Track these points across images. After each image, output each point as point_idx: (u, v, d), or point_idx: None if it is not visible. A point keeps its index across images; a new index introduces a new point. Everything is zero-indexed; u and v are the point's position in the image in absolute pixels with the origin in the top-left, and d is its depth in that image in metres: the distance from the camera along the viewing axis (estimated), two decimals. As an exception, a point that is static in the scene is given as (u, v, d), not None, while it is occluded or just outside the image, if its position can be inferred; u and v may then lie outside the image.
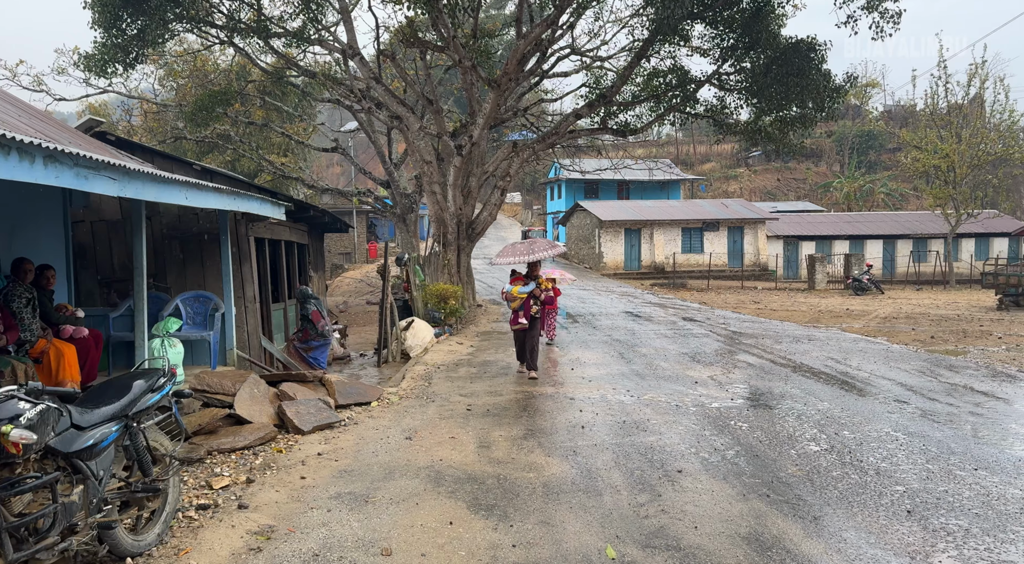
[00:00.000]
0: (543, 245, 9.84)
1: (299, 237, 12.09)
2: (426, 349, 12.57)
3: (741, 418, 6.91)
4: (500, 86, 16.53)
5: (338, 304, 25.42)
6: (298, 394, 6.78)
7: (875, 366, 10.10)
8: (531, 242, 9.80)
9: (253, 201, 7.50)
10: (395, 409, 7.28)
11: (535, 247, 9.63)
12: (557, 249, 9.96)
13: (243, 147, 26.01)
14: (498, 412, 7.17)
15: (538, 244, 9.80)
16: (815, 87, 16.60)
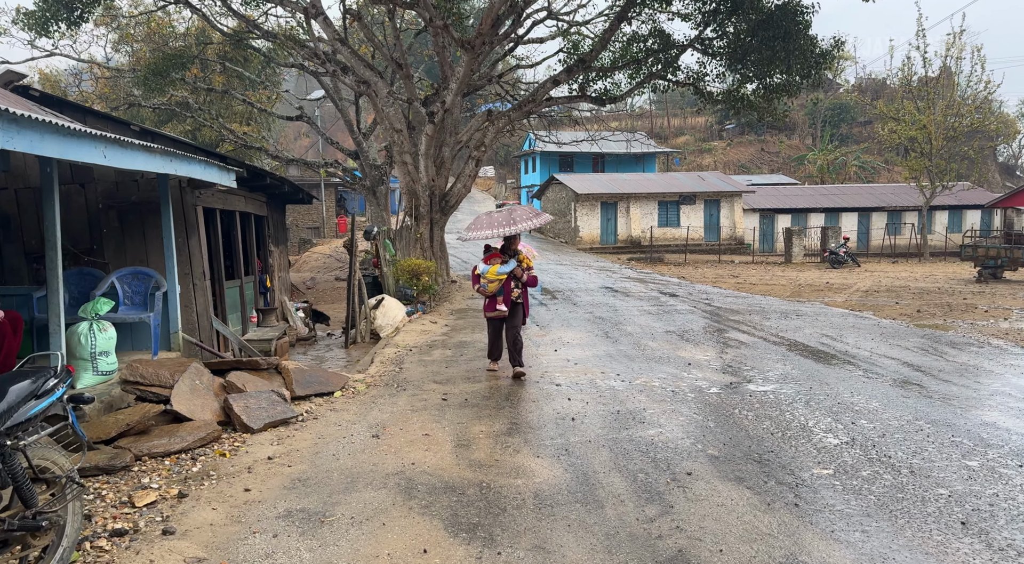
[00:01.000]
0: (525, 213, 7.73)
1: (257, 208, 11.10)
2: (397, 329, 11.75)
3: (745, 405, 6.27)
4: (474, 48, 15.53)
5: (305, 280, 24.37)
6: (249, 385, 5.94)
7: (873, 344, 9.56)
8: (510, 211, 7.77)
9: (194, 164, 6.55)
10: (361, 400, 6.49)
11: (515, 217, 7.61)
12: (542, 218, 7.76)
13: (204, 116, 24.57)
14: (477, 402, 6.42)
15: (519, 213, 7.70)
16: (801, 52, 15.90)
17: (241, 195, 10.31)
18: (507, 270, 7.44)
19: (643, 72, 18.41)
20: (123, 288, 7.42)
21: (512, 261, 7.51)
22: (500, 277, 7.42)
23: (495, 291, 7.47)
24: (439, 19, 15.00)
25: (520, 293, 7.59)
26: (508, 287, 7.48)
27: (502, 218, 7.70)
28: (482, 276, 7.49)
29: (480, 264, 7.61)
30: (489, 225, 7.69)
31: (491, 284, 7.45)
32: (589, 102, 19.48)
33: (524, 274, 7.57)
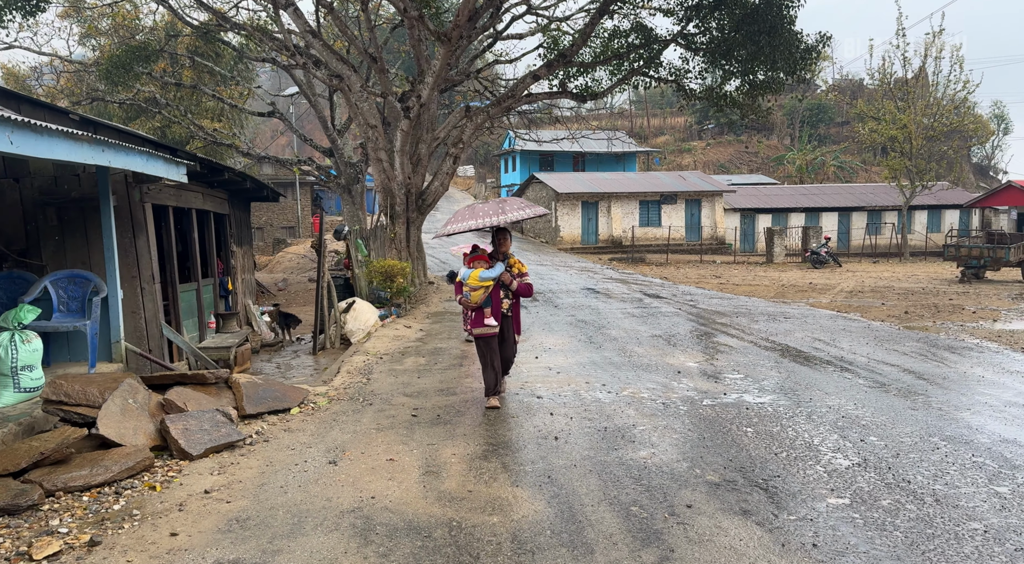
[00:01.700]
0: (517, 203, 6.39)
1: (217, 205, 10.39)
2: (369, 334, 11.11)
3: (742, 420, 5.74)
4: (451, 40, 14.90)
5: (277, 281, 23.55)
6: (191, 403, 5.28)
7: (868, 348, 9.12)
8: (500, 201, 6.39)
9: (134, 155, 5.87)
10: (321, 417, 5.85)
11: (506, 207, 6.25)
12: (536, 209, 6.37)
13: (173, 112, 23.66)
14: (451, 418, 5.81)
15: (510, 203, 6.34)
16: (787, 46, 15.52)
17: (198, 191, 9.60)
18: (493, 275, 6.00)
19: (625, 68, 17.93)
20: (58, 293, 6.70)
21: (499, 264, 6.07)
22: (485, 284, 5.99)
23: (481, 302, 6.04)
24: (414, 9, 14.36)
25: (511, 304, 6.27)
26: (496, 297, 6.11)
27: (490, 208, 6.27)
28: (464, 282, 6.12)
29: (462, 268, 6.32)
30: (473, 215, 6.26)
31: (474, 293, 6.01)
32: (570, 98, 18.95)
33: (514, 281, 6.15)
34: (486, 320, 6.07)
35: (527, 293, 6.30)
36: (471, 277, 6.04)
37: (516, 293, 6.24)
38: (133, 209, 7.68)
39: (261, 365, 10.11)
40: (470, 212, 6.33)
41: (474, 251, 6.32)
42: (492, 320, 6.08)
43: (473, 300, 6.06)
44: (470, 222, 6.13)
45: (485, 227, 6.06)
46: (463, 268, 6.27)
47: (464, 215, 6.32)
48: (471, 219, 6.18)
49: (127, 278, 7.68)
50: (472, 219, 6.16)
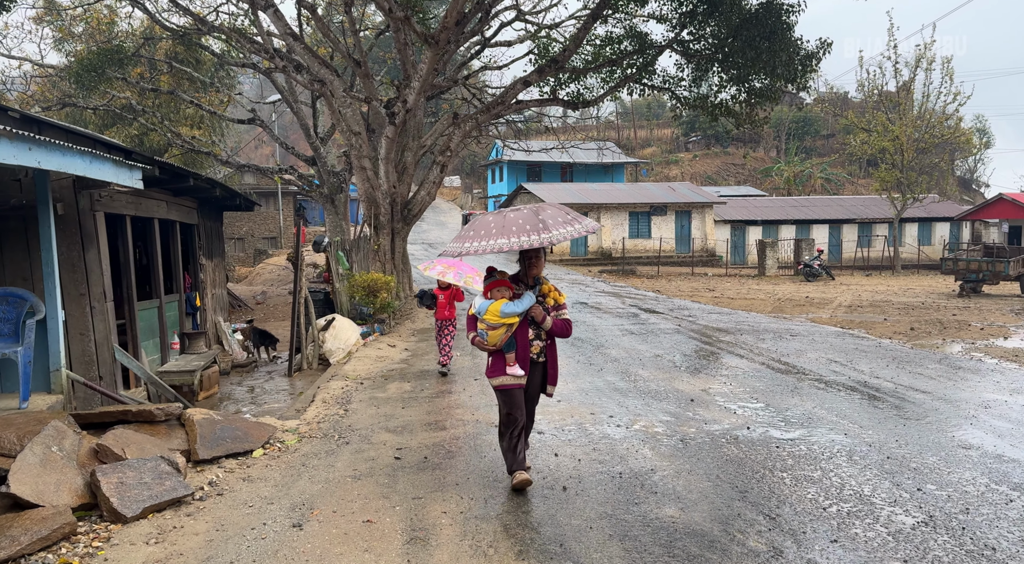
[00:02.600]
0: (559, 215, 4.38)
1: (183, 215, 9.55)
2: (349, 354, 10.28)
3: (775, 462, 5.00)
4: (438, 43, 14.19)
5: (256, 294, 22.64)
6: (131, 448, 4.44)
7: (889, 371, 8.45)
8: (535, 209, 4.40)
9: (73, 156, 5.05)
10: (289, 461, 5.03)
11: (547, 218, 4.29)
12: (586, 223, 4.44)
13: (151, 119, 22.76)
14: (440, 461, 5.02)
15: (550, 213, 4.37)
16: (786, 52, 14.98)
17: (162, 199, 8.77)
18: (521, 310, 4.33)
19: (617, 75, 17.36)
20: (-12, 314, 5.84)
21: (528, 294, 4.39)
22: (508, 320, 4.35)
23: (501, 344, 4.43)
24: (399, 10, 13.64)
25: (544, 347, 4.57)
26: (524, 338, 4.46)
27: (525, 220, 4.26)
28: (479, 318, 4.44)
29: (477, 299, 4.56)
30: (504, 230, 4.22)
31: (493, 332, 4.38)
32: (561, 105, 18.33)
33: (548, 317, 4.45)
34: (508, 368, 4.42)
35: (564, 333, 4.55)
36: (489, 311, 4.35)
37: (550, 332, 4.53)
38: (82, 218, 6.84)
39: (231, 389, 9.26)
40: (499, 224, 4.28)
41: (491, 275, 4.54)
42: (517, 369, 4.41)
43: (491, 342, 4.40)
44: (500, 240, 4.14)
45: (513, 248, 4.12)
46: (478, 298, 4.55)
47: (489, 228, 4.30)
48: (502, 235, 4.16)
49: (74, 296, 6.84)
50: (503, 235, 4.16)
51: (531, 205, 4.48)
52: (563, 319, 4.56)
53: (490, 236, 4.22)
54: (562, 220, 4.30)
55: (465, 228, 4.56)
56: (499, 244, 4.12)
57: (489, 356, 4.56)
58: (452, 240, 4.52)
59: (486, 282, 4.53)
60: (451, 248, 4.41)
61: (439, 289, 8.55)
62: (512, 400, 4.46)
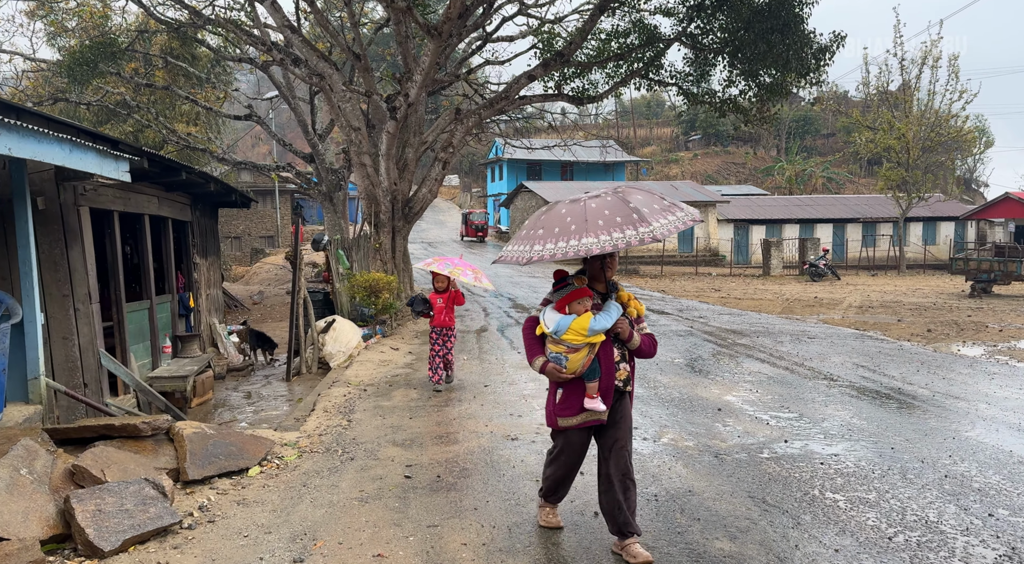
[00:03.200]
0: (649, 201, 3.28)
1: (176, 211, 9.07)
2: (351, 357, 9.82)
3: (823, 482, 4.55)
4: (441, 35, 13.72)
5: (253, 294, 22.15)
6: (113, 468, 3.97)
7: (921, 376, 8.01)
8: (620, 193, 3.31)
9: (50, 143, 4.58)
10: (288, 480, 4.56)
11: (638, 205, 3.20)
12: (690, 213, 3.32)
13: (145, 115, 22.27)
14: (455, 480, 4.56)
15: (639, 198, 3.27)
16: (799, 45, 14.55)
17: (153, 194, 8.29)
18: (609, 325, 3.38)
19: (623, 70, 16.92)
20: (-41, 318, 5.36)
21: (614, 304, 3.45)
22: (594, 339, 3.38)
23: (581, 370, 3.43)
24: (402, 0, 13.17)
25: (629, 372, 3.61)
26: (609, 361, 3.47)
27: (611, 208, 3.18)
28: (555, 337, 3.42)
29: (549, 313, 3.50)
30: (584, 226, 3.13)
31: (575, 355, 3.40)
32: (566, 101, 17.88)
33: (634, 333, 3.51)
34: (588, 401, 3.45)
35: (651, 352, 3.61)
36: (573, 329, 3.35)
37: (634, 352, 3.59)
38: (65, 213, 6.36)
39: (226, 394, 8.79)
40: (578, 216, 3.17)
41: (562, 281, 3.54)
42: (598, 402, 3.45)
43: (571, 368, 3.40)
44: (587, 239, 3.03)
45: (618, 249, 3.03)
46: (549, 312, 3.49)
47: (564, 222, 3.19)
48: (586, 233, 3.06)
49: (56, 297, 6.36)
50: (588, 232, 3.06)
51: (608, 189, 3.34)
52: (647, 334, 3.59)
53: (569, 234, 3.07)
54: (659, 208, 3.20)
55: (531, 223, 3.42)
56: (587, 245, 2.99)
57: (558, 388, 3.53)
58: (514, 241, 3.45)
59: (561, 291, 3.48)
60: (514, 252, 3.31)
61: (435, 292, 7.51)
62: (575, 443, 3.57)
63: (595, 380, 3.46)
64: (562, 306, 3.47)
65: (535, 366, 3.54)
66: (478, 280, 7.07)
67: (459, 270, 7.08)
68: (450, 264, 7.08)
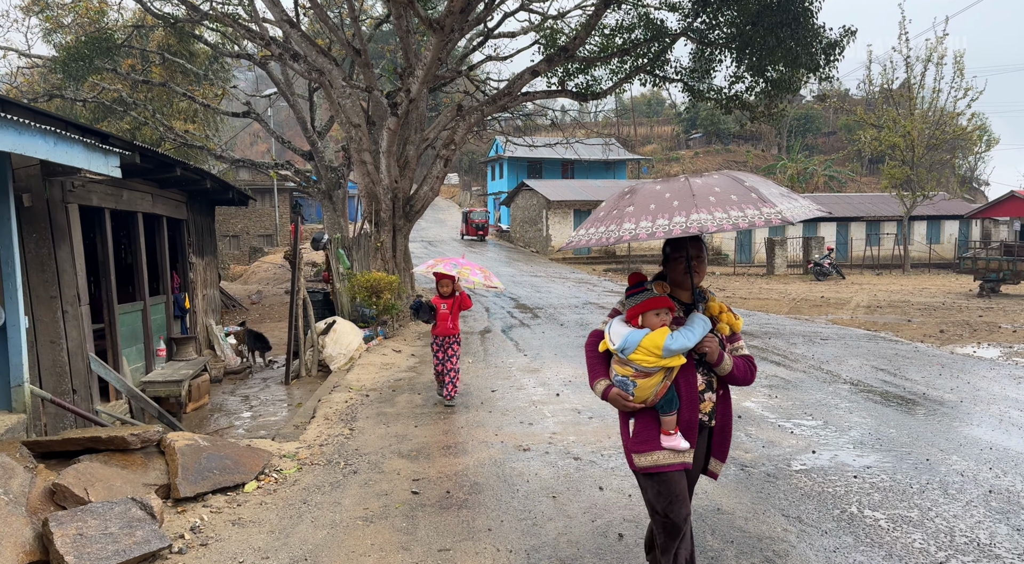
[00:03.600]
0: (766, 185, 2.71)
1: (171, 209, 8.75)
2: (351, 360, 9.51)
3: (859, 498, 4.25)
4: (443, 29, 13.40)
5: (251, 293, 21.85)
6: (98, 485, 3.67)
7: (944, 380, 7.72)
8: (729, 175, 2.75)
9: (29, 134, 4.27)
10: (287, 497, 4.26)
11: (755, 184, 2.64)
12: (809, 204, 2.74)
13: (142, 112, 21.95)
14: (466, 497, 4.26)
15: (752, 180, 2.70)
16: (810, 40, 14.25)
17: (146, 191, 7.98)
18: (693, 344, 2.67)
19: (628, 66, 16.64)
20: (-62, 321, 5.05)
21: (700, 318, 2.72)
22: (671, 362, 2.69)
23: (656, 399, 2.74)
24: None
25: (717, 399, 2.88)
26: (691, 388, 2.77)
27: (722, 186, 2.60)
28: (621, 356, 2.73)
29: (616, 326, 2.80)
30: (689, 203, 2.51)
31: (646, 380, 2.71)
32: (570, 97, 17.58)
33: (726, 354, 2.79)
34: (665, 438, 2.74)
35: (747, 379, 2.85)
36: (645, 347, 2.65)
37: (725, 379, 2.84)
38: (52, 211, 6.05)
39: (223, 399, 8.48)
40: (681, 193, 2.57)
41: (638, 285, 2.85)
42: (679, 439, 2.74)
43: (641, 397, 2.71)
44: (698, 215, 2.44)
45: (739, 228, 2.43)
46: (617, 324, 2.79)
47: (662, 199, 2.58)
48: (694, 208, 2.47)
49: (44, 299, 6.05)
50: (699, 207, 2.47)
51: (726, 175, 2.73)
52: (743, 356, 2.84)
53: (671, 211, 2.45)
54: (778, 192, 2.64)
55: (612, 204, 2.74)
56: (698, 222, 2.36)
57: (630, 419, 2.81)
58: (590, 223, 2.74)
59: (634, 298, 2.77)
60: (594, 233, 2.64)
61: (439, 297, 6.86)
62: (671, 489, 2.74)
63: (672, 413, 2.72)
64: (633, 317, 2.72)
65: (596, 390, 2.83)
66: (488, 280, 6.57)
67: (467, 270, 6.56)
68: (456, 264, 6.57)
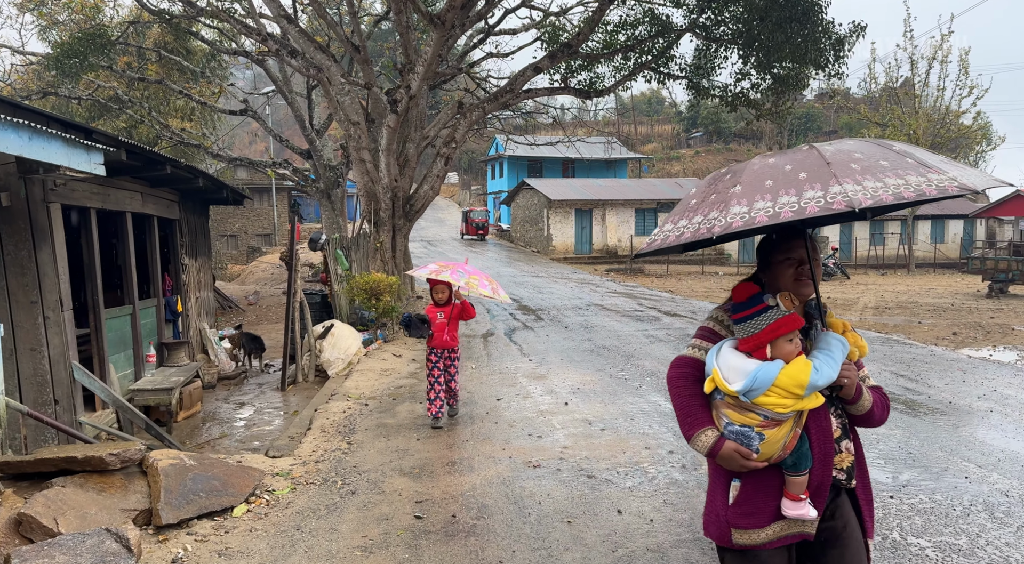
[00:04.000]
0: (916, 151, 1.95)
1: (162, 208, 8.41)
2: (350, 365, 9.18)
3: (901, 522, 3.92)
4: (444, 24, 13.07)
5: (248, 294, 21.51)
6: (69, 514, 3.33)
7: (969, 387, 7.39)
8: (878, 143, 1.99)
9: (3, 129, 3.93)
10: (279, 522, 3.92)
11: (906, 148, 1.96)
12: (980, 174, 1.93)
13: (138, 110, 21.61)
14: (473, 521, 3.92)
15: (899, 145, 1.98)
16: (819, 35, 13.95)
17: (136, 190, 7.63)
18: (836, 374, 1.97)
19: (632, 63, 16.33)
20: (-94, 329, 4.71)
21: (834, 339, 2.03)
22: (809, 403, 1.99)
23: (781, 455, 2.03)
24: (403, -14, 12.52)
25: (854, 455, 2.15)
26: (824, 436, 2.06)
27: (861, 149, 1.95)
28: (747, 397, 1.99)
29: (727, 354, 2.06)
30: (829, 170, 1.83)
31: (777, 431, 1.99)
32: (573, 94, 17.27)
33: (862, 386, 2.10)
34: (792, 504, 2.05)
35: (882, 417, 2.18)
36: (781, 385, 1.95)
37: (857, 420, 2.17)
38: (33, 211, 5.71)
39: (216, 406, 8.15)
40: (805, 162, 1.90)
41: (755, 300, 2.08)
42: (807, 507, 2.04)
43: (767, 452, 2.01)
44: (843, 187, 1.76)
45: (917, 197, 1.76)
46: (731, 354, 2.06)
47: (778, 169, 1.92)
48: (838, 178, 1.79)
49: (23, 304, 5.71)
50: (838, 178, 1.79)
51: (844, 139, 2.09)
52: (875, 388, 2.20)
53: (800, 185, 1.82)
54: (939, 159, 1.94)
55: (711, 182, 2.13)
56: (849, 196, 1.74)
57: (733, 481, 2.09)
58: (681, 213, 2.12)
59: (754, 319, 2.04)
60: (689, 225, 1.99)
61: (434, 305, 6.14)
62: None
63: (804, 472, 2.03)
64: (758, 344, 2.00)
65: (700, 445, 2.05)
66: (496, 293, 5.86)
67: (476, 280, 5.85)
68: (464, 272, 5.87)
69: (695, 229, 1.95)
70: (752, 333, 2.01)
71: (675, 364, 2.19)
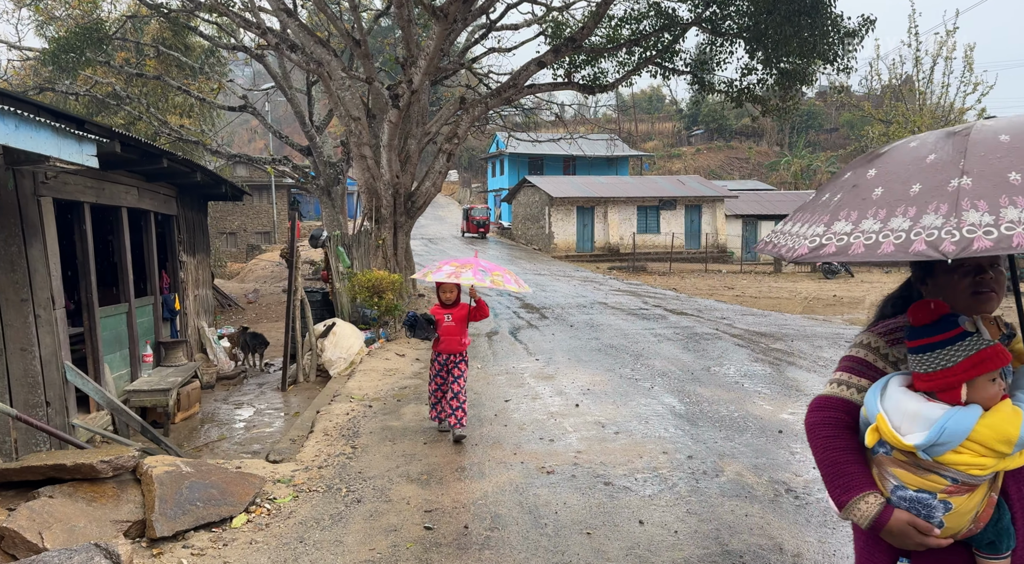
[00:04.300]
0: None
1: (159, 204, 8.17)
2: (352, 364, 8.95)
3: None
4: (447, 17, 12.82)
5: (248, 292, 21.27)
6: (55, 527, 3.10)
7: (991, 389, 7.18)
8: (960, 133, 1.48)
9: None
10: (280, 533, 3.70)
11: None
12: None
13: (137, 106, 21.37)
14: (487, 532, 3.70)
15: None
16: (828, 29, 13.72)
17: (132, 184, 7.40)
18: None
19: (636, 58, 16.11)
20: None
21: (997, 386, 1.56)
22: (1013, 462, 1.55)
23: (972, 525, 1.59)
24: (406, -21, 12.28)
25: None
26: None
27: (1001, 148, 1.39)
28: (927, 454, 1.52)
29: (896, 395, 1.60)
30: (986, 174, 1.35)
31: (968, 498, 1.55)
32: (576, 90, 17.05)
33: None
34: None
35: None
36: (979, 440, 1.50)
37: None
38: (23, 205, 5.48)
39: (214, 407, 7.92)
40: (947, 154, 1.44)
41: (949, 327, 1.58)
42: None
43: (955, 526, 1.58)
44: None
45: None
46: (902, 395, 1.60)
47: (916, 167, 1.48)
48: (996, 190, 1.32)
49: (13, 302, 5.48)
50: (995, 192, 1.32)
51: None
52: None
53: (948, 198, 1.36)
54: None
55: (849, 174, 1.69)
56: None
57: (902, 560, 1.65)
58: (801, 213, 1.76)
59: (941, 349, 1.57)
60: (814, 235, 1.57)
61: (441, 306, 5.56)
62: None
63: (1006, 554, 1.61)
64: (950, 384, 1.55)
65: (858, 513, 1.60)
66: (520, 286, 5.29)
67: (499, 276, 5.18)
68: (485, 271, 5.17)
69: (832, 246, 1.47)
70: (941, 367, 1.54)
71: (816, 406, 1.73)
